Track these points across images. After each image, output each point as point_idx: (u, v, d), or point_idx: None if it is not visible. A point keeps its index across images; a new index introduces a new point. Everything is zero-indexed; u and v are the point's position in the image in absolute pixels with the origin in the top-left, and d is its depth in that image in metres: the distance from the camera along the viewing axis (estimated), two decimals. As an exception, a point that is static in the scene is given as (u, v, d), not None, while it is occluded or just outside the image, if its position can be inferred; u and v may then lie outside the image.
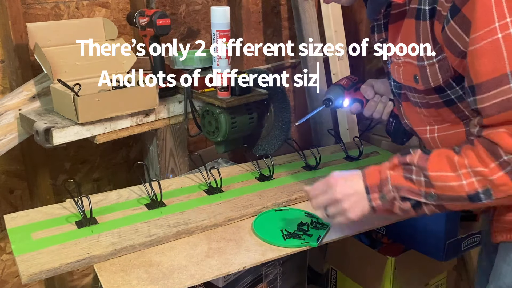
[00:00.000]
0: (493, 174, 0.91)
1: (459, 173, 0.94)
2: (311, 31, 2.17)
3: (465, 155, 0.94)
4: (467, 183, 0.93)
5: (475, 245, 1.61)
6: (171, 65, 1.64)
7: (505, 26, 0.86)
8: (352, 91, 1.45)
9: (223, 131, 1.53)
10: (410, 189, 1.00)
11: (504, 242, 1.10)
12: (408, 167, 1.01)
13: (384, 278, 1.66)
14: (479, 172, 0.92)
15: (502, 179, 0.90)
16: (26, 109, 1.47)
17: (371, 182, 1.05)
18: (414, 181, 1.00)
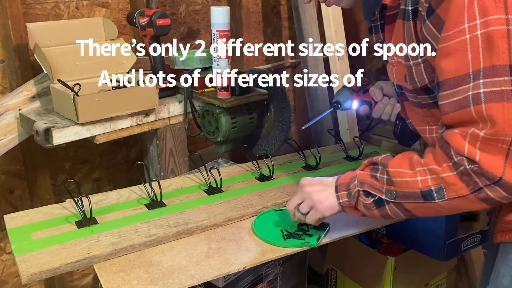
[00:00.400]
0: (444, 173, 0.93)
1: (415, 170, 0.98)
2: (311, 31, 2.17)
3: (425, 154, 0.98)
4: (421, 179, 0.97)
5: (475, 245, 1.61)
6: (171, 65, 1.64)
7: (473, 28, 0.88)
8: (361, 93, 1.47)
9: (223, 131, 1.53)
10: (373, 185, 1.06)
11: (504, 242, 1.11)
12: (375, 166, 1.08)
13: (384, 278, 1.66)
14: (433, 170, 0.95)
15: (452, 178, 0.92)
16: (26, 109, 1.47)
17: (341, 181, 1.13)
18: (377, 178, 1.05)
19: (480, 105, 0.88)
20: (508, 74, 0.86)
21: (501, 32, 0.86)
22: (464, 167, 0.91)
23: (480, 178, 0.90)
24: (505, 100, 0.86)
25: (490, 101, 0.87)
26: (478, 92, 0.88)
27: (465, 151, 0.90)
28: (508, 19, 0.86)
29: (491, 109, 0.86)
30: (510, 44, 0.86)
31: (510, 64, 0.86)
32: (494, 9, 0.87)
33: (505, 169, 0.87)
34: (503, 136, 0.86)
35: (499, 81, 0.86)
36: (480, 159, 0.88)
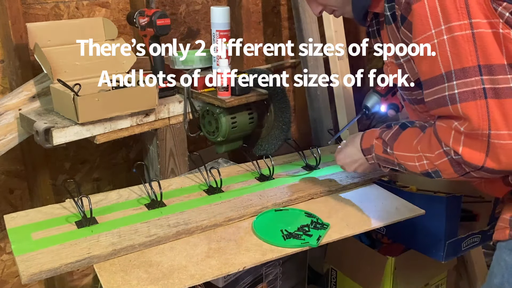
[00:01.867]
0: (437, 160, 1.04)
1: (414, 156, 1.10)
2: (311, 31, 2.17)
3: (423, 138, 1.09)
4: (419, 164, 1.09)
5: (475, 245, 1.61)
6: (171, 65, 1.64)
7: (440, 33, 0.97)
8: (390, 96, 1.53)
9: (223, 131, 1.53)
10: (387, 160, 1.20)
11: (500, 241, 1.12)
12: (385, 142, 1.20)
13: (384, 278, 1.66)
14: (428, 157, 1.07)
15: (444, 164, 1.03)
16: (26, 109, 1.47)
17: (364, 146, 1.27)
18: (388, 154, 1.19)
19: (456, 105, 0.97)
20: (478, 74, 0.94)
21: (466, 37, 0.94)
22: (452, 156, 1.01)
23: (466, 166, 1.00)
24: (477, 99, 0.94)
25: (464, 100, 0.96)
26: (453, 93, 0.97)
27: (450, 143, 1.00)
28: (472, 23, 0.94)
29: (465, 108, 0.96)
30: (476, 46, 0.94)
31: (478, 65, 0.94)
32: (457, 16, 0.94)
33: (486, 159, 0.96)
34: (480, 130, 0.95)
35: (470, 81, 0.95)
36: (462, 152, 0.99)
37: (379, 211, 1.36)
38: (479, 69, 0.94)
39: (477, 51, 0.94)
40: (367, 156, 1.26)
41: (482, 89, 0.94)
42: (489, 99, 0.94)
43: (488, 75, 0.94)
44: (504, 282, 1.11)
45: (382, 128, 1.23)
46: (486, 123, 0.94)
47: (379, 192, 1.47)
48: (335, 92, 2.20)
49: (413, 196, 1.51)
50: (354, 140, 1.32)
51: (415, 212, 1.36)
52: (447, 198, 1.48)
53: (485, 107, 0.94)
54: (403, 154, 1.14)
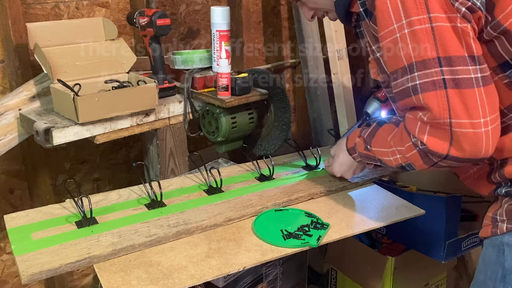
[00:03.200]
0: (408, 153, 1.08)
1: (388, 151, 1.15)
2: (311, 31, 2.17)
3: (396, 132, 1.13)
4: (394, 159, 1.13)
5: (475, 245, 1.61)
6: (171, 65, 1.64)
7: (401, 27, 0.99)
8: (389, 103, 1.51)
9: (223, 131, 1.53)
10: (368, 156, 1.26)
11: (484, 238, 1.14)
12: (364, 140, 1.25)
13: (384, 278, 1.67)
14: (400, 151, 1.11)
15: (414, 156, 1.07)
16: (26, 109, 1.47)
17: (349, 146, 1.33)
18: (369, 150, 1.24)
19: (418, 95, 1.00)
20: (438, 66, 0.97)
21: (425, 30, 0.98)
22: (419, 147, 1.04)
23: (431, 155, 1.03)
24: (437, 89, 0.98)
25: (425, 91, 0.99)
26: (415, 84, 1.00)
27: (416, 134, 1.04)
28: (431, 17, 0.97)
29: (426, 98, 0.99)
30: (435, 39, 0.97)
31: (438, 57, 0.97)
32: (416, 10, 0.98)
33: (450, 147, 0.99)
34: (441, 119, 0.98)
35: (430, 72, 0.98)
36: (427, 141, 1.02)
37: (379, 211, 1.36)
38: (439, 61, 0.97)
39: (436, 44, 0.97)
40: (353, 155, 1.32)
41: (442, 79, 0.97)
42: (449, 89, 0.97)
43: (447, 67, 0.97)
44: (487, 278, 1.12)
45: (363, 127, 1.29)
46: (447, 112, 0.97)
47: (379, 192, 1.47)
48: (335, 92, 2.20)
49: (413, 196, 1.51)
50: (341, 148, 1.38)
51: (415, 212, 1.36)
52: (447, 198, 1.48)
53: (445, 97, 0.97)
54: (380, 150, 1.19)
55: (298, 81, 2.43)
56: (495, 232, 1.11)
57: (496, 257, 1.11)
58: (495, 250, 1.11)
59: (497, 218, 1.11)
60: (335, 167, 1.42)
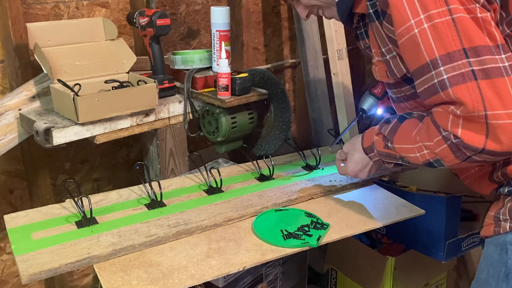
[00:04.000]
0: (437, 148, 1.03)
1: (414, 147, 1.09)
2: (311, 31, 2.17)
3: (421, 127, 1.08)
4: (420, 155, 1.07)
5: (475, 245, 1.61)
6: (171, 65, 1.64)
7: (420, 22, 0.97)
8: (386, 99, 1.51)
9: (223, 131, 1.53)
10: (389, 155, 1.19)
11: (486, 237, 1.14)
12: (385, 137, 1.18)
13: (384, 278, 1.66)
14: (428, 146, 1.05)
15: (445, 151, 1.01)
16: (26, 109, 1.47)
17: (366, 145, 1.26)
18: (390, 148, 1.17)
19: (447, 90, 0.96)
20: (464, 57, 0.94)
21: (446, 23, 0.94)
22: (451, 141, 0.99)
23: (466, 150, 0.98)
24: (467, 81, 0.94)
25: (455, 84, 0.95)
26: (443, 79, 0.96)
27: (448, 127, 0.99)
28: (450, 9, 0.95)
29: (457, 92, 0.95)
30: (458, 30, 0.94)
31: (463, 48, 0.94)
32: (434, 4, 0.95)
33: (486, 140, 0.95)
34: (476, 112, 0.93)
35: (457, 65, 0.94)
36: (462, 135, 0.97)
37: (379, 211, 1.36)
38: (465, 52, 0.94)
39: (460, 35, 0.94)
40: (370, 154, 1.25)
41: (470, 71, 0.93)
42: (479, 80, 0.93)
43: (474, 57, 0.94)
44: (489, 277, 1.12)
45: (381, 124, 1.22)
46: (481, 104, 0.92)
47: (379, 192, 1.47)
48: (335, 92, 2.20)
49: (413, 196, 1.51)
50: (355, 146, 1.30)
51: (415, 212, 1.36)
52: (447, 198, 1.48)
53: (477, 89, 0.93)
54: (403, 146, 1.12)
55: (298, 81, 2.43)
56: (498, 231, 1.11)
57: (499, 256, 1.11)
58: (498, 249, 1.11)
59: (500, 217, 1.11)
60: (350, 167, 1.33)
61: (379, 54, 1.16)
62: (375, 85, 1.52)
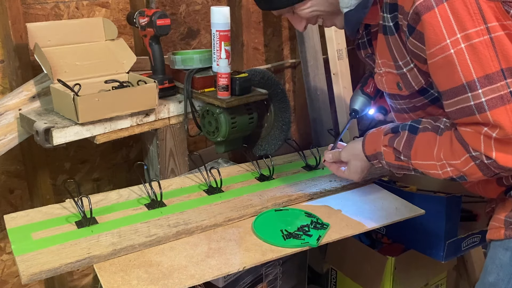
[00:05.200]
0: (464, 167, 1.01)
1: (436, 164, 1.06)
2: (311, 31, 2.17)
3: (443, 144, 1.05)
4: (443, 172, 1.06)
5: (475, 245, 1.61)
6: (171, 65, 1.64)
7: (456, 42, 0.93)
8: (378, 98, 1.47)
9: (223, 131, 1.53)
10: (401, 167, 1.16)
11: (494, 240, 1.13)
12: (397, 150, 1.14)
13: (384, 278, 1.66)
14: (452, 165, 1.03)
15: (472, 169, 1.00)
16: (26, 109, 1.47)
17: (369, 153, 1.22)
18: (403, 160, 1.14)
19: (485, 113, 0.94)
20: (503, 78, 0.92)
21: (485, 42, 0.92)
22: (482, 161, 0.98)
23: (498, 169, 0.98)
24: (506, 103, 0.92)
25: (493, 107, 0.93)
26: (480, 102, 0.94)
27: (481, 149, 0.97)
28: (489, 27, 0.92)
29: (496, 115, 0.93)
30: (496, 50, 0.92)
31: (502, 68, 0.92)
32: (472, 22, 0.92)
33: None
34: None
35: (496, 87, 0.92)
36: (496, 157, 0.95)
37: (379, 211, 1.36)
38: (503, 73, 0.92)
39: (498, 55, 0.92)
40: (374, 161, 1.22)
41: (509, 92, 0.92)
42: None
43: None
44: (499, 280, 1.12)
45: (387, 133, 1.17)
46: None
47: (379, 192, 1.47)
48: (335, 92, 2.20)
49: (413, 196, 1.51)
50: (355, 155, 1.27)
51: (415, 212, 1.36)
52: (447, 198, 1.48)
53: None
54: (424, 163, 1.09)
55: (298, 81, 2.43)
56: (509, 235, 1.10)
57: (510, 259, 1.10)
58: (509, 252, 1.11)
59: (511, 221, 1.11)
60: (351, 175, 1.31)
61: (391, 66, 1.13)
62: (367, 83, 1.46)
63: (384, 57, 1.14)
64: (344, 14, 1.10)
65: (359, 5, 1.08)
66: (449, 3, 0.93)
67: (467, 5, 0.92)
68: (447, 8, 0.93)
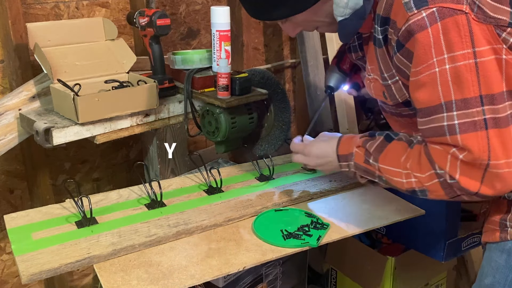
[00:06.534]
0: (427, 181, 1.02)
1: (401, 172, 1.06)
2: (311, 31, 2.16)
3: (412, 155, 1.05)
4: (407, 181, 1.06)
5: (475, 245, 1.61)
6: (171, 65, 1.64)
7: (442, 62, 0.94)
8: (353, 74, 1.46)
9: (223, 131, 1.53)
10: (367, 170, 1.15)
11: (489, 243, 1.13)
12: (368, 152, 1.14)
13: (384, 278, 1.66)
14: (417, 177, 1.04)
15: (435, 186, 1.01)
16: (26, 109, 1.47)
17: (341, 153, 1.20)
18: (370, 164, 1.13)
19: (455, 135, 0.95)
20: (479, 105, 0.93)
21: (469, 66, 0.92)
22: (445, 179, 0.99)
23: (459, 190, 0.99)
24: (478, 130, 0.93)
25: (465, 132, 0.94)
26: (453, 124, 0.95)
27: (446, 168, 0.98)
28: (476, 52, 0.92)
29: (466, 139, 0.94)
30: (478, 76, 0.92)
31: (480, 95, 0.92)
32: (460, 44, 0.92)
33: (481, 186, 0.96)
34: (479, 161, 0.94)
35: (471, 112, 0.93)
36: (459, 179, 0.97)
37: (379, 211, 1.36)
38: (481, 100, 0.93)
39: (479, 81, 0.92)
40: (342, 163, 1.20)
41: (483, 120, 0.93)
42: (489, 130, 0.93)
43: (489, 105, 0.93)
44: (495, 282, 1.12)
45: (364, 137, 1.17)
46: (486, 154, 0.93)
47: (379, 192, 1.47)
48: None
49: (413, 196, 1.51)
50: (330, 141, 1.23)
51: (415, 212, 1.36)
52: (447, 198, 1.47)
53: (485, 138, 0.93)
54: (390, 168, 1.09)
55: (298, 81, 2.43)
56: (505, 237, 1.10)
57: (506, 262, 1.10)
58: (504, 254, 1.11)
59: (507, 224, 1.11)
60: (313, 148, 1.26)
61: (378, 75, 1.14)
62: (342, 60, 1.43)
63: (373, 64, 1.15)
64: (338, 22, 1.10)
65: (354, 14, 1.07)
66: (443, 24, 0.93)
67: (459, 26, 0.92)
68: (440, 28, 0.93)
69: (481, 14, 0.94)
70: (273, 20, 1.16)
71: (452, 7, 0.93)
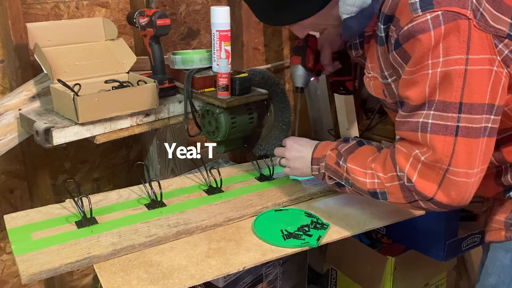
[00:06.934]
0: (388, 182, 1.06)
1: (366, 172, 1.10)
2: (311, 31, 2.16)
3: (378, 157, 1.10)
4: (370, 182, 1.09)
5: (475, 245, 1.61)
6: (171, 65, 1.64)
7: (436, 65, 0.95)
8: (316, 66, 1.50)
9: (223, 131, 1.53)
10: (336, 172, 1.19)
11: (494, 242, 1.13)
12: (339, 153, 1.19)
13: (384, 278, 1.67)
14: (379, 177, 1.07)
15: (394, 188, 1.05)
16: (26, 109, 1.47)
17: (316, 155, 1.26)
18: (340, 166, 1.17)
19: (425, 134, 0.98)
20: (456, 111, 0.94)
21: (459, 72, 0.93)
22: (404, 182, 1.02)
23: (416, 194, 1.02)
24: (447, 135, 0.95)
25: (435, 133, 0.97)
26: (427, 122, 0.98)
27: (405, 170, 1.01)
28: (468, 59, 0.92)
29: (433, 140, 0.97)
30: (464, 83, 0.93)
31: (460, 102, 0.93)
32: (457, 49, 0.93)
33: (437, 191, 0.99)
34: (440, 163, 0.96)
35: (447, 116, 0.95)
36: (415, 181, 1.00)
37: (379, 211, 1.36)
38: (460, 107, 0.94)
39: (464, 88, 0.93)
40: (314, 166, 1.26)
41: (455, 126, 0.95)
42: (459, 137, 0.95)
43: (466, 114, 0.94)
44: (500, 282, 1.12)
45: (339, 140, 1.24)
46: (448, 159, 0.95)
47: (379, 192, 1.47)
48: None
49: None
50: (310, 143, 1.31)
51: (415, 212, 1.36)
52: (447, 198, 1.47)
53: (452, 144, 0.95)
54: (355, 168, 1.13)
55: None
56: (510, 237, 1.11)
57: (511, 261, 1.11)
58: (509, 254, 1.11)
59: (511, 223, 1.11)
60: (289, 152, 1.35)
61: (378, 73, 1.15)
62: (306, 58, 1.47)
63: (373, 62, 1.15)
64: (343, 20, 1.10)
65: (361, 13, 1.07)
66: (446, 28, 0.93)
67: (460, 31, 0.93)
68: (442, 32, 0.93)
69: (483, 22, 0.94)
70: (282, 25, 1.18)
71: (457, 11, 0.92)
